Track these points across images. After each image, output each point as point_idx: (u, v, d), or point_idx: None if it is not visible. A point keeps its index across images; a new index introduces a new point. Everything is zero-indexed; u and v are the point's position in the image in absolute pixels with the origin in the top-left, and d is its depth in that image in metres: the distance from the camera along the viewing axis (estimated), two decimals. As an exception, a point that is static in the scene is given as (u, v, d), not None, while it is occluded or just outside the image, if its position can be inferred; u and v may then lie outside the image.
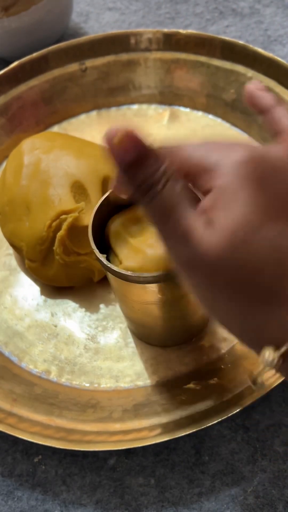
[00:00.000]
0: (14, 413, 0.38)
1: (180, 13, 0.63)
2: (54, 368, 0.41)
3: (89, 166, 0.44)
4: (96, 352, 0.42)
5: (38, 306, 0.44)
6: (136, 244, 0.33)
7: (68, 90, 0.55)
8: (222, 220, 0.23)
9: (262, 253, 0.22)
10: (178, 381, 0.39)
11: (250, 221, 0.22)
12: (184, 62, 0.53)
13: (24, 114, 0.54)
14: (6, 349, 0.43)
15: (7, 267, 0.47)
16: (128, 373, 0.40)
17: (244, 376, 0.38)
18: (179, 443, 0.38)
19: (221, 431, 0.38)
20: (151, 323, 0.38)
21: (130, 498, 0.36)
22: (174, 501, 0.36)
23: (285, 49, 0.58)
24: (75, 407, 0.39)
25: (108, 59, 0.54)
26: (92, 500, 0.36)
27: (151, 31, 0.54)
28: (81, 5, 0.66)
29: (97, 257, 0.32)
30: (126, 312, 0.39)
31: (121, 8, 0.65)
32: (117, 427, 0.37)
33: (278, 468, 0.36)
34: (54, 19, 0.58)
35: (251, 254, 0.22)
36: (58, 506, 0.36)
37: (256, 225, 0.22)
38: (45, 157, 0.44)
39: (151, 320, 0.37)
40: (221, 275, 0.23)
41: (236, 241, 0.22)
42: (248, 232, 0.22)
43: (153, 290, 0.33)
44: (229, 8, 0.63)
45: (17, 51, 0.57)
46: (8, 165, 0.46)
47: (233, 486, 0.36)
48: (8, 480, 0.38)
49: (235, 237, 0.22)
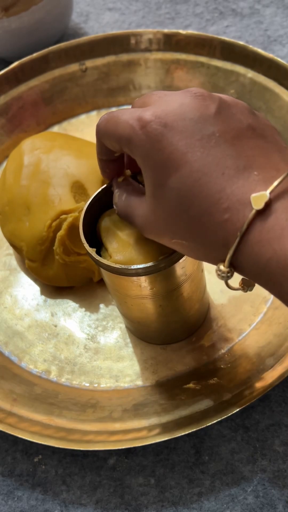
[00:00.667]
0: (14, 413, 0.38)
1: (180, 13, 0.63)
2: (54, 368, 0.41)
3: (89, 166, 0.44)
4: (96, 352, 0.42)
5: (38, 306, 0.45)
6: (125, 238, 0.33)
7: (68, 90, 0.55)
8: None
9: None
10: (178, 380, 0.39)
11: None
12: (184, 63, 0.53)
13: (24, 114, 0.54)
14: (6, 349, 0.43)
15: (7, 267, 0.47)
16: (128, 373, 0.40)
17: (244, 376, 0.38)
18: (179, 443, 0.38)
19: (221, 431, 0.38)
20: (147, 319, 0.38)
21: (130, 498, 0.36)
22: (174, 500, 0.36)
23: (285, 49, 0.58)
24: (75, 407, 0.39)
25: (108, 60, 0.54)
26: (92, 499, 0.36)
27: (152, 31, 0.54)
28: (81, 5, 0.66)
29: (87, 251, 0.33)
30: (121, 309, 0.39)
31: (121, 8, 0.65)
32: (117, 427, 0.37)
33: (278, 467, 0.36)
34: (54, 19, 0.58)
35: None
36: (58, 506, 0.36)
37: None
38: (45, 157, 0.44)
39: (146, 316, 0.38)
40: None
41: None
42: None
43: (143, 283, 0.33)
44: (229, 8, 0.63)
45: (17, 51, 0.57)
46: (8, 165, 0.46)
47: (233, 486, 0.36)
48: (8, 480, 0.38)
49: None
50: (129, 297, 0.35)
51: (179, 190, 0.26)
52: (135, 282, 0.33)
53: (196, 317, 0.40)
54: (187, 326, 0.41)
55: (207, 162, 0.26)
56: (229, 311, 0.42)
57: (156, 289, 0.33)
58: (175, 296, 0.35)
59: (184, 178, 0.26)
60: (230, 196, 0.25)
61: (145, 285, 0.33)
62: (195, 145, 0.26)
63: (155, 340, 0.41)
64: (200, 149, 0.26)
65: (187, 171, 0.26)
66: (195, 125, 0.26)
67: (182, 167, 0.26)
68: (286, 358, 0.38)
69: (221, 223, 0.26)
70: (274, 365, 0.38)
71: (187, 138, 0.26)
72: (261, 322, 0.41)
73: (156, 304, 0.35)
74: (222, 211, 0.25)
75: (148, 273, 0.32)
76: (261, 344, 0.39)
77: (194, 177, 0.26)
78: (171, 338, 0.41)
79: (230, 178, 0.25)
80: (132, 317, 0.39)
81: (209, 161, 0.26)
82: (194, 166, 0.26)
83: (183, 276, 0.34)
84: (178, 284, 0.34)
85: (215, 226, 0.26)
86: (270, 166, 0.26)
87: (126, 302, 0.36)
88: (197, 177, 0.26)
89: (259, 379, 0.37)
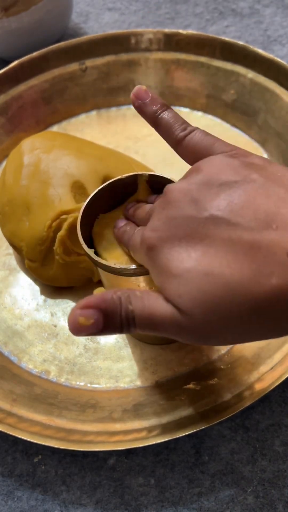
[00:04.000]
0: (14, 413, 0.38)
1: (180, 13, 0.63)
2: (53, 368, 0.41)
3: (89, 166, 0.44)
4: (95, 352, 0.42)
5: (38, 306, 0.44)
6: (116, 243, 0.34)
7: (68, 90, 0.55)
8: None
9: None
10: (178, 381, 0.39)
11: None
12: (185, 63, 0.53)
13: (24, 113, 0.54)
14: (6, 349, 0.43)
15: (6, 266, 0.47)
16: (127, 373, 0.40)
17: (244, 376, 0.38)
18: (179, 443, 0.38)
19: (221, 431, 0.38)
20: None
21: (130, 498, 0.36)
22: (174, 501, 0.36)
23: (285, 49, 0.58)
24: (74, 407, 0.39)
25: (108, 59, 0.54)
26: (92, 500, 0.36)
27: (152, 31, 0.54)
28: (81, 5, 0.66)
29: (85, 251, 0.33)
30: None
31: (120, 8, 0.65)
32: (117, 427, 0.37)
33: (278, 468, 0.36)
34: (54, 19, 0.58)
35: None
36: (58, 506, 0.36)
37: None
38: (45, 157, 0.44)
39: None
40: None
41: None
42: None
43: (141, 283, 0.33)
44: (229, 8, 0.63)
45: (17, 51, 0.57)
46: (8, 165, 0.46)
47: (233, 486, 0.36)
48: (8, 480, 0.38)
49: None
50: None
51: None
52: (133, 282, 0.33)
53: None
54: None
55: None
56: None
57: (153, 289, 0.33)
58: None
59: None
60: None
61: (143, 285, 0.33)
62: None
63: (152, 340, 0.41)
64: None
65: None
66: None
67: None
68: (286, 358, 0.38)
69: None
70: (274, 365, 0.38)
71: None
72: (261, 323, 0.41)
73: None
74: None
75: (146, 273, 0.32)
76: (261, 345, 0.39)
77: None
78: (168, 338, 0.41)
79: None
80: None
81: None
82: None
83: None
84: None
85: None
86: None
87: None
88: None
89: (259, 380, 0.37)
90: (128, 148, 0.52)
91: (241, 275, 0.23)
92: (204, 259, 0.24)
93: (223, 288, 0.23)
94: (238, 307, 0.23)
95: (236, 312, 0.23)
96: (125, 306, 0.26)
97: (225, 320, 0.24)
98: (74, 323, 0.25)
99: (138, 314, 0.26)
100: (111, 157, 0.46)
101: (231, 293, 0.23)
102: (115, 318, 0.26)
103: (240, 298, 0.23)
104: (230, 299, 0.23)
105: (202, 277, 0.24)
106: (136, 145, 0.52)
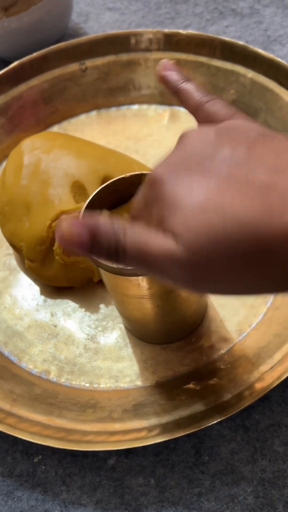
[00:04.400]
0: (14, 413, 0.38)
1: (180, 13, 0.63)
2: (53, 368, 0.41)
3: (89, 166, 0.44)
4: (95, 352, 0.42)
5: (38, 306, 0.44)
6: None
7: (68, 90, 0.55)
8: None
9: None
10: (178, 381, 0.39)
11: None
12: (185, 63, 0.53)
13: (24, 114, 0.54)
14: (6, 349, 0.43)
15: (6, 267, 0.47)
16: (127, 373, 0.40)
17: (244, 376, 0.38)
18: (179, 443, 0.38)
19: (221, 431, 0.38)
20: (144, 319, 0.38)
21: (130, 498, 0.36)
22: (174, 501, 0.36)
23: (285, 49, 0.58)
24: (74, 407, 0.39)
25: (108, 59, 0.54)
26: (92, 500, 0.36)
27: (152, 31, 0.54)
28: (80, 5, 0.66)
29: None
30: (119, 308, 0.39)
31: (120, 8, 0.65)
32: (116, 427, 0.37)
33: (278, 468, 0.36)
34: (54, 19, 0.58)
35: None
36: (58, 506, 0.36)
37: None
38: (45, 157, 0.44)
39: (144, 316, 0.38)
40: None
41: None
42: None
43: (141, 283, 0.33)
44: (229, 8, 0.63)
45: (17, 51, 0.57)
46: (8, 165, 0.46)
47: (233, 486, 0.36)
48: (8, 480, 0.38)
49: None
50: (126, 297, 0.35)
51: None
52: (133, 282, 0.33)
53: (193, 318, 0.41)
54: (184, 326, 0.41)
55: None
56: (229, 311, 0.42)
57: (154, 289, 0.33)
58: (173, 297, 0.35)
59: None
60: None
61: (143, 285, 0.33)
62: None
63: (153, 339, 0.41)
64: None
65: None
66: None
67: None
68: (286, 358, 0.38)
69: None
70: (274, 365, 0.38)
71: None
72: (261, 323, 0.41)
73: (154, 304, 0.35)
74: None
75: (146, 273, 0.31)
76: (261, 345, 0.39)
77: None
78: (169, 337, 0.41)
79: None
80: (130, 316, 0.39)
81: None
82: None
83: None
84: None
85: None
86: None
87: (124, 301, 0.36)
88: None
89: (259, 380, 0.37)
90: (128, 148, 0.52)
91: (253, 211, 0.22)
92: (216, 192, 0.23)
93: (232, 222, 0.22)
94: (245, 244, 0.22)
95: (241, 250, 0.22)
96: (117, 231, 0.25)
97: (227, 259, 0.23)
98: (61, 234, 0.25)
99: (130, 242, 0.25)
100: (111, 157, 0.46)
101: (240, 228, 0.22)
102: (104, 241, 0.25)
103: (248, 234, 0.22)
104: (238, 235, 0.22)
105: (211, 209, 0.23)
106: (136, 145, 0.52)
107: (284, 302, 0.41)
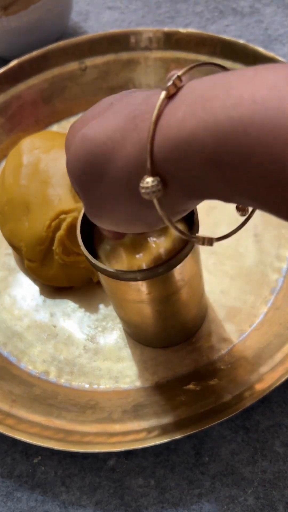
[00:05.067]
0: (13, 414, 0.38)
1: (180, 12, 0.63)
2: (53, 368, 0.41)
3: (88, 166, 0.43)
4: (95, 353, 0.42)
5: (37, 306, 0.44)
6: (118, 245, 0.33)
7: (67, 89, 0.54)
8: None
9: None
10: (178, 382, 0.39)
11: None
12: (184, 61, 0.53)
13: (23, 113, 0.54)
14: (5, 350, 0.43)
15: (6, 267, 0.47)
16: (127, 374, 0.40)
17: (244, 377, 0.38)
18: (179, 444, 0.38)
19: (221, 432, 0.38)
20: (143, 323, 0.38)
21: (130, 499, 0.36)
22: (174, 502, 0.36)
23: (285, 48, 0.58)
24: (74, 408, 0.39)
25: (108, 58, 0.54)
26: (92, 501, 0.36)
27: (151, 30, 0.53)
28: (80, 4, 0.66)
29: (84, 254, 0.32)
30: (119, 312, 0.39)
31: (120, 7, 0.65)
32: (116, 428, 0.37)
33: (279, 469, 0.36)
34: (54, 18, 0.58)
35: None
36: (58, 507, 0.36)
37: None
38: (45, 156, 0.44)
39: (143, 320, 0.37)
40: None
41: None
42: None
43: (140, 288, 0.32)
44: (229, 7, 0.63)
45: (17, 50, 0.57)
46: (7, 165, 0.46)
47: (233, 487, 0.36)
48: (7, 481, 0.38)
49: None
50: (126, 301, 0.35)
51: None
52: (133, 286, 0.32)
53: (193, 322, 0.40)
54: (184, 331, 0.40)
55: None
56: (229, 312, 0.42)
57: (153, 294, 0.33)
58: (173, 301, 0.35)
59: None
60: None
61: (143, 289, 0.33)
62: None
63: (152, 343, 0.41)
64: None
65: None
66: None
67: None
68: (286, 359, 0.37)
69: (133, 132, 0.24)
70: (274, 366, 0.37)
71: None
72: (261, 323, 0.41)
73: (153, 309, 0.35)
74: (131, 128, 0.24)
75: (145, 278, 0.31)
76: (262, 345, 0.39)
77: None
78: (168, 342, 0.40)
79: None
80: (129, 321, 0.39)
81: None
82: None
83: (181, 282, 0.33)
84: (176, 290, 0.34)
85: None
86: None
87: (123, 306, 0.36)
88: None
89: (260, 380, 0.37)
90: (128, 147, 0.52)
91: (117, 123, 0.25)
92: (85, 127, 0.26)
93: (93, 142, 0.25)
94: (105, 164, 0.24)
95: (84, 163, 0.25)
96: None
97: (99, 185, 0.25)
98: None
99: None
100: (110, 156, 0.46)
101: (102, 145, 0.24)
102: None
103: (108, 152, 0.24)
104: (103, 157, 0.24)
105: (79, 136, 0.26)
106: (136, 144, 0.52)
107: (285, 302, 0.41)
